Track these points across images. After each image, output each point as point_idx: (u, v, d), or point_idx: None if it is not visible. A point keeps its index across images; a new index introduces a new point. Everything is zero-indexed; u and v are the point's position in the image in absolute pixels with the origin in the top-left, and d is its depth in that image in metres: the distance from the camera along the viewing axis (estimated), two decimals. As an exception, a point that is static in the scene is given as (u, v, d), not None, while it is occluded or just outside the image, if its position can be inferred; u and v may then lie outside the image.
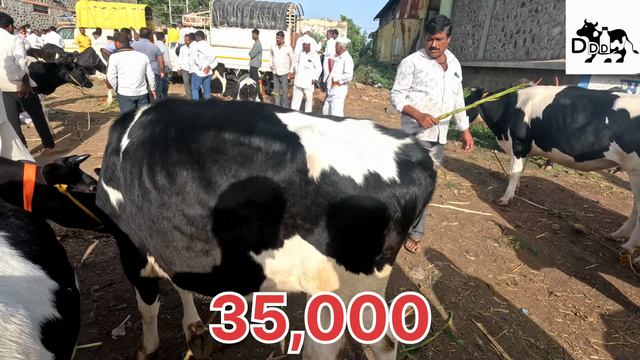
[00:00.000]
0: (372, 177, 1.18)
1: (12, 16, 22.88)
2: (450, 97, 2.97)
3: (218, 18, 11.56)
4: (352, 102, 10.81)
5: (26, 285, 0.73)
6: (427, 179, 1.27)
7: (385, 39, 28.97)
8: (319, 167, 1.18)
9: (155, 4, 41.12)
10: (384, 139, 1.30)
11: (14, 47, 4.38)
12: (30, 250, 0.82)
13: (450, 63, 2.95)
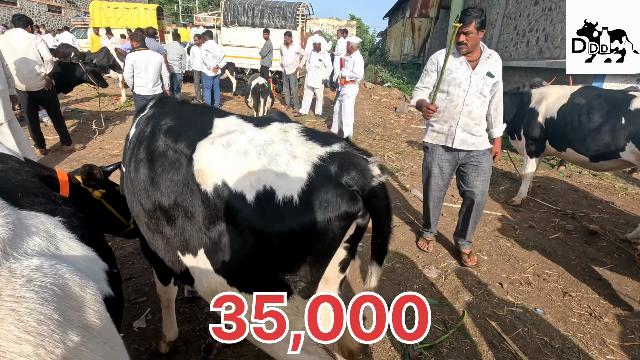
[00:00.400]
0: (265, 196, 1.05)
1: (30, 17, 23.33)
2: (476, 99, 2.66)
3: (229, 18, 11.65)
4: (361, 101, 10.81)
5: (85, 264, 0.80)
6: (346, 197, 1.06)
7: (395, 38, 28.84)
8: (211, 181, 1.13)
9: (165, 3, 41.53)
10: (306, 147, 1.13)
11: (37, 47, 4.53)
12: (82, 234, 0.88)
13: (484, 61, 2.65)
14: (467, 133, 2.74)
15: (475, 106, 2.69)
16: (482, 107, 2.72)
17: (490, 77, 2.65)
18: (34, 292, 0.63)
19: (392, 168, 5.41)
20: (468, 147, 2.76)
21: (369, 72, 17.97)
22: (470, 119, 2.70)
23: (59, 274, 0.69)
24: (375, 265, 1.25)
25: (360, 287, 2.64)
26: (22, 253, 0.70)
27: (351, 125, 6.67)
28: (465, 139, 2.75)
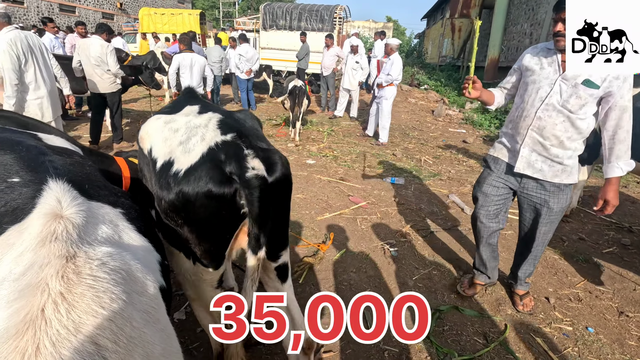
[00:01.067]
0: (167, 166, 1.27)
1: (86, 23, 24.93)
2: (554, 114, 2.00)
3: (268, 21, 11.92)
4: (397, 104, 10.62)
5: (143, 254, 0.85)
6: (216, 179, 1.19)
7: (433, 39, 28.16)
8: (145, 146, 1.41)
9: (207, 9, 43.27)
10: (214, 133, 1.30)
11: (107, 56, 4.94)
12: (140, 226, 0.93)
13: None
14: (537, 154, 2.11)
15: (551, 122, 2.02)
16: (563, 126, 2.00)
17: (589, 86, 1.88)
18: (107, 273, 0.69)
19: (429, 172, 5.27)
20: (534, 173, 2.12)
21: (406, 74, 17.66)
22: (543, 137, 2.06)
23: (126, 260, 0.74)
24: (250, 253, 1.27)
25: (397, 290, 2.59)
26: (93, 239, 0.76)
27: (387, 128, 6.57)
28: (533, 162, 2.12)
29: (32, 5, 23.38)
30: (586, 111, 1.96)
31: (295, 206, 3.93)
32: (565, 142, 2.04)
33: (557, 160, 2.08)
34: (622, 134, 1.91)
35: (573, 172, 2.11)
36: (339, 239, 3.32)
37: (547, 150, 2.07)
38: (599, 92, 1.88)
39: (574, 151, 2.07)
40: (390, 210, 3.98)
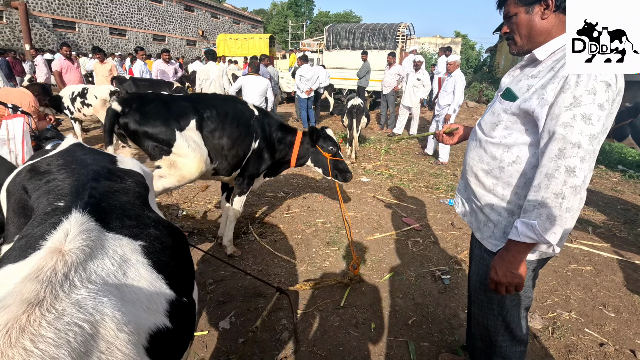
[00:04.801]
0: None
1: (172, 49, 28.12)
2: (473, 136, 1.56)
3: (331, 42, 12.30)
4: (461, 121, 10.11)
5: (145, 295, 0.80)
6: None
7: (505, 53, 26.48)
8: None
9: (277, 32, 46.15)
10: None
11: (222, 77, 6.02)
12: (158, 260, 0.90)
13: (528, 69, 1.38)
14: (463, 189, 1.65)
15: (469, 147, 1.56)
16: (476, 153, 1.49)
17: (505, 98, 1.37)
18: (56, 331, 0.60)
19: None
20: (470, 224, 1.61)
21: (473, 90, 16.80)
22: (465, 167, 1.58)
23: (99, 309, 0.68)
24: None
25: (445, 325, 2.40)
26: (84, 279, 0.72)
27: (448, 148, 6.26)
28: (465, 209, 1.63)
29: (132, 36, 27.10)
30: (502, 135, 1.37)
31: (343, 224, 3.90)
32: (482, 177, 1.46)
33: (477, 204, 1.52)
34: (541, 180, 1.18)
35: (496, 233, 1.43)
36: (387, 261, 3.20)
37: (468, 185, 1.57)
38: (514, 106, 1.31)
39: (496, 197, 1.41)
40: (445, 234, 3.75)
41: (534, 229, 1.18)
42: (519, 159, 1.34)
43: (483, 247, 1.51)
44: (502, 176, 1.39)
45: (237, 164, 2.90)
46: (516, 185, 1.36)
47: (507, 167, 1.37)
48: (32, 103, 3.97)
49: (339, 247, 3.42)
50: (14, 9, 19.51)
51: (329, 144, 3.41)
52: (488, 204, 1.45)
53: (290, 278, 2.89)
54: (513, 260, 1.26)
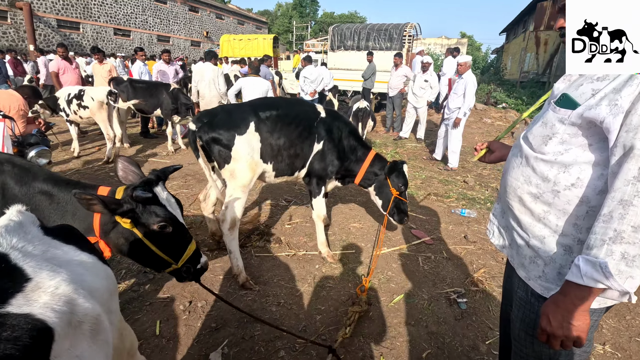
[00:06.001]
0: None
1: (174, 50, 28.05)
2: (516, 152, 1.28)
3: (336, 42, 12.06)
4: (470, 124, 9.81)
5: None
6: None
7: (513, 54, 26.13)
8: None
9: (282, 33, 46.04)
10: None
11: (217, 78, 5.72)
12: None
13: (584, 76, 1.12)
14: (503, 216, 1.38)
15: (510, 166, 1.29)
16: (521, 172, 1.22)
17: (562, 105, 1.10)
18: None
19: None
20: (499, 244, 1.40)
21: (481, 92, 16.48)
22: (505, 190, 1.30)
23: None
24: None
25: (463, 359, 2.13)
26: None
27: (457, 152, 5.99)
28: (500, 228, 1.40)
29: (137, 37, 27.05)
30: (557, 151, 1.10)
31: (350, 237, 3.64)
32: (529, 202, 1.18)
33: (521, 236, 1.24)
34: (614, 208, 0.92)
35: (548, 274, 1.15)
36: (396, 280, 2.94)
37: (509, 210, 1.30)
38: (574, 115, 1.05)
39: (547, 228, 1.14)
40: (459, 249, 3.48)
41: (603, 271, 0.91)
42: (580, 181, 1.06)
43: (529, 289, 1.22)
44: (557, 202, 1.11)
45: (297, 164, 2.99)
46: (575, 214, 1.08)
47: (564, 192, 1.09)
48: (21, 106, 3.76)
49: (344, 262, 3.17)
50: (18, 9, 19.48)
51: (401, 181, 3.14)
52: (537, 237, 1.17)
53: (290, 300, 2.64)
54: (572, 309, 0.98)
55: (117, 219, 1.50)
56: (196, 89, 5.82)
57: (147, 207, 1.52)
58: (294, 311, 2.52)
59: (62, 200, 1.62)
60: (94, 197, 1.40)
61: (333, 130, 3.06)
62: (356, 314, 2.32)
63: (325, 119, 3.07)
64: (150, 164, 5.71)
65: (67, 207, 1.61)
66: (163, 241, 1.56)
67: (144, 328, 2.30)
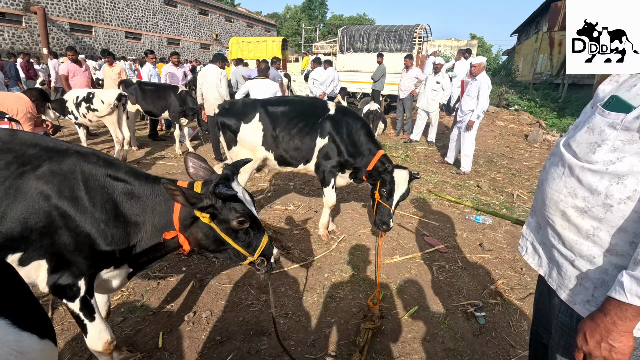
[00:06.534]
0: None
1: (184, 52, 28.28)
2: (556, 163, 1.15)
3: (345, 44, 11.95)
4: (482, 127, 9.57)
5: None
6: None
7: (525, 55, 25.71)
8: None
9: (290, 35, 46.17)
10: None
11: (220, 81, 5.53)
12: None
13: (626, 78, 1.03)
14: (540, 233, 1.24)
15: (550, 177, 1.16)
16: (564, 183, 1.10)
17: (613, 108, 0.99)
18: None
19: (523, 210, 4.41)
20: (536, 263, 1.27)
21: (492, 94, 16.20)
22: (544, 204, 1.17)
23: None
24: None
25: None
26: None
27: (470, 156, 5.82)
28: (536, 246, 1.27)
29: (147, 40, 27.35)
30: (608, 160, 0.98)
31: (360, 244, 3.52)
32: (574, 217, 1.06)
33: (563, 254, 1.11)
34: None
35: (598, 298, 1.02)
36: (409, 291, 2.80)
37: (548, 225, 1.16)
38: (629, 119, 0.93)
39: (597, 246, 1.02)
40: (475, 257, 3.32)
41: None
42: (638, 194, 0.94)
43: (575, 314, 1.09)
44: (610, 218, 0.99)
45: (298, 156, 3.26)
46: (633, 231, 0.96)
47: (618, 206, 0.96)
48: (29, 109, 3.73)
49: (356, 271, 3.04)
50: (32, 13, 19.86)
51: (386, 186, 2.90)
52: (585, 256, 1.05)
53: (299, 311, 2.52)
54: (613, 329, 0.89)
55: (196, 212, 1.53)
56: (200, 91, 5.75)
57: (226, 203, 1.56)
58: (303, 323, 2.40)
59: (143, 195, 1.60)
60: (177, 188, 1.44)
61: (340, 126, 3.14)
62: (369, 331, 2.18)
63: (334, 115, 3.21)
64: (157, 167, 5.66)
65: (147, 202, 1.60)
66: (240, 235, 1.61)
67: (146, 340, 2.21)
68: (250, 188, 4.91)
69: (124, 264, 1.69)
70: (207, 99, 5.58)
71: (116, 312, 2.45)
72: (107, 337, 1.71)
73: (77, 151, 1.59)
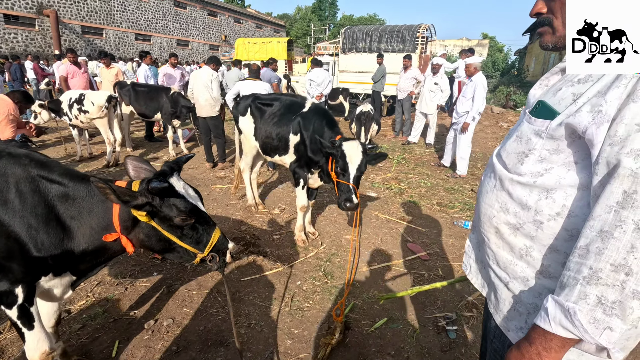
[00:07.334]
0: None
1: (194, 54, 28.49)
2: (488, 174, 1.06)
3: (347, 45, 11.84)
4: (484, 128, 9.38)
5: None
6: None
7: (536, 55, 25.16)
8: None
9: (300, 36, 46.22)
10: None
11: (211, 83, 5.42)
12: None
13: (562, 78, 0.92)
14: (477, 248, 1.17)
15: (483, 190, 1.07)
16: (495, 196, 1.00)
17: (538, 115, 0.90)
18: None
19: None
20: (488, 301, 1.12)
21: (499, 94, 15.88)
22: (492, 232, 1.02)
23: None
24: None
25: None
26: None
27: (466, 159, 5.65)
28: (479, 278, 1.17)
29: (157, 41, 27.71)
30: (535, 171, 0.88)
31: (340, 250, 3.42)
32: (507, 235, 0.96)
33: (498, 275, 1.02)
34: (592, 240, 0.72)
35: (529, 319, 0.93)
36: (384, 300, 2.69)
37: (484, 243, 1.06)
38: (553, 126, 0.84)
39: (531, 267, 0.92)
40: (456, 266, 3.19)
41: (572, 318, 0.73)
42: (567, 209, 0.84)
43: (507, 341, 1.00)
44: (541, 236, 0.89)
45: (273, 148, 3.48)
46: (564, 251, 0.86)
47: (548, 223, 0.87)
48: (10, 111, 3.75)
49: (329, 279, 2.95)
50: (45, 16, 20.32)
51: (339, 162, 2.71)
52: (518, 277, 0.96)
53: (262, 321, 2.44)
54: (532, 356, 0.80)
55: (133, 212, 1.48)
56: (191, 92, 5.74)
57: (165, 200, 1.50)
58: (264, 334, 2.32)
59: (79, 196, 1.53)
60: (108, 186, 1.38)
61: (308, 124, 3.15)
62: (328, 346, 2.08)
63: (305, 113, 3.24)
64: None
65: (84, 204, 1.53)
66: (187, 232, 1.56)
67: (101, 348, 2.16)
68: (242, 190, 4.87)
69: (65, 271, 1.64)
70: (198, 100, 5.55)
71: (77, 319, 2.41)
72: (45, 348, 1.66)
73: (9, 153, 1.53)
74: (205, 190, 4.89)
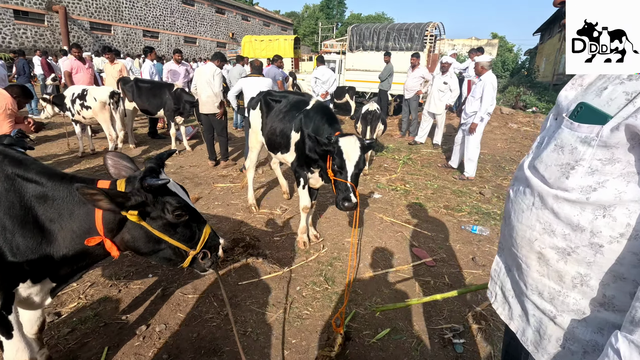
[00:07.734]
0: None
1: (201, 51, 28.55)
2: (523, 191, 0.94)
3: (354, 43, 11.68)
4: (493, 129, 9.17)
5: None
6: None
7: (547, 55, 24.72)
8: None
9: (308, 34, 46.07)
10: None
11: (213, 79, 5.25)
12: None
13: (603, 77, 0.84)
14: (510, 293, 1.04)
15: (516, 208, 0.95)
16: (536, 216, 0.87)
17: (583, 120, 0.79)
18: None
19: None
20: (522, 337, 0.97)
21: (509, 95, 15.59)
22: (534, 257, 0.89)
23: None
24: None
25: None
26: None
27: (475, 161, 5.48)
28: (511, 309, 1.03)
29: (164, 38, 27.76)
30: (586, 185, 0.77)
31: (342, 254, 3.29)
32: (554, 261, 0.84)
33: (543, 308, 0.88)
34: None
35: (587, 358, 0.81)
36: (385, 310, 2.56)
37: (522, 271, 0.93)
38: (605, 131, 0.73)
39: (587, 299, 0.80)
40: (465, 273, 3.05)
41: None
42: (631, 229, 0.72)
43: None
44: (601, 262, 0.77)
45: (278, 145, 3.39)
46: (633, 279, 0.73)
47: (610, 246, 0.75)
48: (8, 105, 3.67)
49: (330, 284, 2.83)
50: (54, 12, 20.43)
51: (336, 159, 2.56)
52: (572, 311, 0.83)
53: (259, 329, 2.33)
54: None
55: (124, 213, 1.38)
56: (194, 88, 5.66)
57: (157, 197, 1.42)
58: (260, 343, 2.21)
59: (58, 197, 1.41)
60: (98, 191, 1.27)
61: (309, 121, 3.05)
62: (326, 359, 1.96)
63: (307, 111, 3.15)
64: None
65: (64, 205, 1.42)
66: (179, 229, 1.49)
67: (89, 355, 2.06)
68: (241, 190, 4.76)
69: (45, 277, 1.54)
70: (200, 96, 5.45)
71: (67, 322, 2.32)
72: (25, 358, 1.56)
73: None
74: (206, 189, 4.80)
